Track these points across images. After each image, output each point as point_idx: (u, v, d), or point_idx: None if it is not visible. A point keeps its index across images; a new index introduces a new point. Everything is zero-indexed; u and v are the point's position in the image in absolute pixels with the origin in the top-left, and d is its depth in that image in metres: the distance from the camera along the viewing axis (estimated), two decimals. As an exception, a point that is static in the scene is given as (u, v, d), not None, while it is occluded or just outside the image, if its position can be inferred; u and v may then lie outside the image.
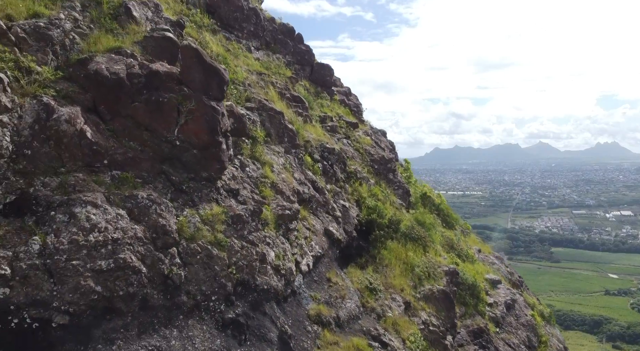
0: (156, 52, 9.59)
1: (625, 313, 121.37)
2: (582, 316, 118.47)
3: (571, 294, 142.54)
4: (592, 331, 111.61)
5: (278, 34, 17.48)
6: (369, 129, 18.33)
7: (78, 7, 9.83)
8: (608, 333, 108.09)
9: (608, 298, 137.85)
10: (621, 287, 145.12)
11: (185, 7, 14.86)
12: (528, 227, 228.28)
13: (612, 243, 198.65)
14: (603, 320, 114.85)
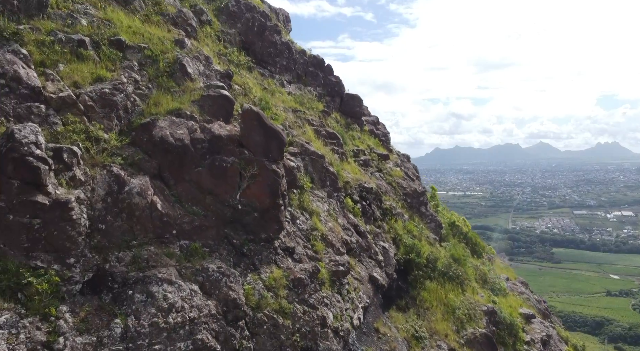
0: (213, 111, 9.63)
1: (627, 314, 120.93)
2: (584, 317, 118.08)
3: (572, 295, 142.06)
4: (594, 333, 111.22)
5: (309, 66, 17.50)
6: (398, 159, 18.34)
7: (136, 67, 9.85)
8: (610, 335, 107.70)
9: (609, 299, 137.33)
10: (623, 288, 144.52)
11: (223, 45, 14.90)
12: (529, 227, 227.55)
13: (613, 243, 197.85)
14: (605, 321, 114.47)
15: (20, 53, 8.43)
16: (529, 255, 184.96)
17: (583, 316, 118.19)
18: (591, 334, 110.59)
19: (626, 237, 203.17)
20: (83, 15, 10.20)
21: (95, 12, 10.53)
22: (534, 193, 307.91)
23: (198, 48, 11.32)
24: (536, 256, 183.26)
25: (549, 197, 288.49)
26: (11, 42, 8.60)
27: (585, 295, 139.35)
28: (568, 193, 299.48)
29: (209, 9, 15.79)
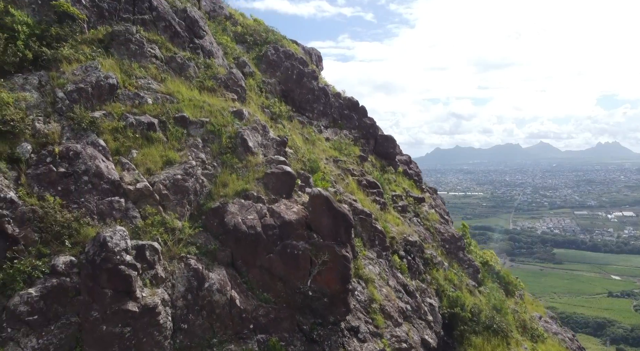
0: (277, 187, 9.66)
1: (628, 315, 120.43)
2: (586, 318, 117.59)
3: (574, 296, 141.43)
4: (596, 334, 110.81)
5: (344, 109, 17.51)
6: (432, 200, 18.37)
7: (200, 144, 9.87)
8: (612, 336, 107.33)
9: (611, 300, 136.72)
10: (624, 289, 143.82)
11: (264, 96, 14.93)
12: (530, 227, 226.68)
13: (614, 244, 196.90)
14: (607, 323, 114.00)
15: (98, 145, 8.47)
16: (530, 256, 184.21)
17: (585, 317, 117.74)
18: (593, 335, 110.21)
19: (627, 237, 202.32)
20: (147, 91, 10.23)
21: (157, 86, 10.56)
22: (535, 193, 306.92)
23: (254, 114, 11.33)
24: (537, 257, 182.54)
25: (549, 197, 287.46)
26: (89, 132, 8.65)
27: (586, 296, 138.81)
28: (569, 194, 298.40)
29: (249, 58, 15.81)
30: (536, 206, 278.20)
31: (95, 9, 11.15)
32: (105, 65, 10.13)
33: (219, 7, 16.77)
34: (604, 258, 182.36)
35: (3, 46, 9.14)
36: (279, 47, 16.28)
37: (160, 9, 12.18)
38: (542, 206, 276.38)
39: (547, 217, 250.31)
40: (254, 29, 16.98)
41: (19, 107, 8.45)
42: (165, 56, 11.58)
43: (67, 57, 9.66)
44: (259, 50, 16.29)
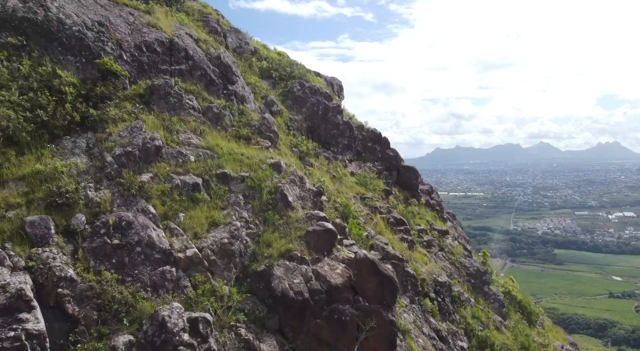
0: (319, 245, 9.67)
1: (630, 317, 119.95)
2: (587, 319, 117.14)
3: (575, 297, 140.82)
4: (597, 335, 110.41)
5: (367, 142, 17.54)
6: (455, 231, 18.40)
7: (242, 201, 9.88)
8: (613, 337, 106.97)
9: (612, 301, 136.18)
10: (625, 290, 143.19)
11: (292, 134, 14.96)
12: (530, 228, 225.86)
13: (615, 245, 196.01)
14: (608, 324, 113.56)
15: (148, 212, 8.49)
16: (530, 257, 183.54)
17: (586, 318, 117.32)
18: (594, 337, 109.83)
19: (628, 238, 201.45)
20: (188, 147, 10.25)
21: (197, 140, 10.57)
22: (535, 193, 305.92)
23: (290, 165, 11.34)
24: (538, 257, 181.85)
25: (550, 198, 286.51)
26: (138, 198, 8.67)
27: (587, 297, 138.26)
28: (569, 194, 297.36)
29: (276, 95, 15.83)
30: (537, 206, 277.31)
31: (136, 63, 11.16)
32: (148, 122, 10.15)
33: (244, 43, 16.79)
34: (605, 259, 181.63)
35: (53, 110, 9.18)
36: (304, 82, 16.30)
37: (196, 58, 12.19)
38: (543, 206, 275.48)
39: (547, 217, 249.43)
40: (278, 64, 17.00)
41: (71, 174, 8.47)
42: (202, 106, 11.58)
43: (113, 118, 9.69)
44: (284, 85, 16.32)
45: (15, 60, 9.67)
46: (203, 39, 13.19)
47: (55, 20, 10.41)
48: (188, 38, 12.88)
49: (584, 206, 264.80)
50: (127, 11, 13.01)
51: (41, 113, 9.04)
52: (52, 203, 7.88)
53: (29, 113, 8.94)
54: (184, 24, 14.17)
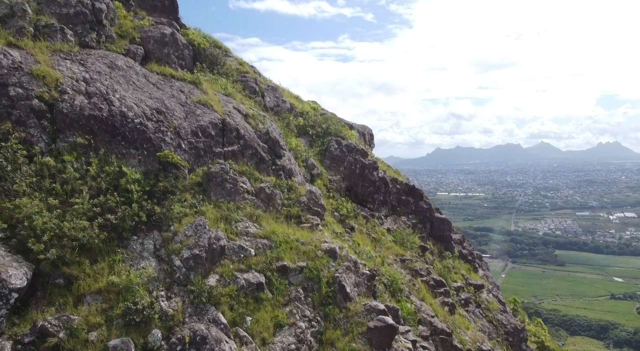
0: (380, 341, 9.69)
1: (631, 318, 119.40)
2: (589, 321, 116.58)
3: (576, 298, 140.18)
4: (599, 337, 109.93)
5: (402, 195, 17.57)
6: (487, 282, 18.44)
7: (302, 295, 9.92)
8: (615, 339, 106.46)
9: (614, 302, 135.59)
10: (627, 291, 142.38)
11: (332, 197, 15.01)
12: (531, 229, 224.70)
13: (616, 245, 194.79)
14: (609, 326, 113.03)
15: (220, 322, 8.53)
16: (531, 258, 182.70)
17: (587, 320, 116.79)
18: (596, 338, 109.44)
19: (629, 238, 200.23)
20: (247, 237, 10.29)
21: (254, 228, 10.60)
22: (536, 194, 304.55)
23: (343, 248, 11.38)
24: (539, 258, 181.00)
25: (551, 198, 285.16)
26: (208, 306, 8.71)
27: (589, 298, 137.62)
28: (570, 194, 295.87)
29: (314, 154, 15.87)
30: (537, 207, 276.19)
31: (193, 150, 11.22)
32: (208, 214, 10.20)
33: (282, 100, 16.84)
34: (606, 260, 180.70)
35: (122, 213, 9.25)
36: (341, 140, 16.34)
37: (247, 137, 12.23)
38: (544, 207, 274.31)
39: (548, 218, 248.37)
40: (314, 120, 17.05)
41: (143, 282, 8.53)
42: (255, 188, 11.62)
43: (177, 216, 9.75)
44: (321, 143, 16.37)
45: (84, 159, 9.75)
46: (251, 114, 13.24)
47: (119, 114, 10.47)
48: (237, 114, 12.92)
49: (585, 206, 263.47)
50: (178, 87, 13.06)
51: (111, 217, 9.10)
52: (130, 321, 7.93)
53: (101, 218, 9.01)
54: (228, 94, 14.22)
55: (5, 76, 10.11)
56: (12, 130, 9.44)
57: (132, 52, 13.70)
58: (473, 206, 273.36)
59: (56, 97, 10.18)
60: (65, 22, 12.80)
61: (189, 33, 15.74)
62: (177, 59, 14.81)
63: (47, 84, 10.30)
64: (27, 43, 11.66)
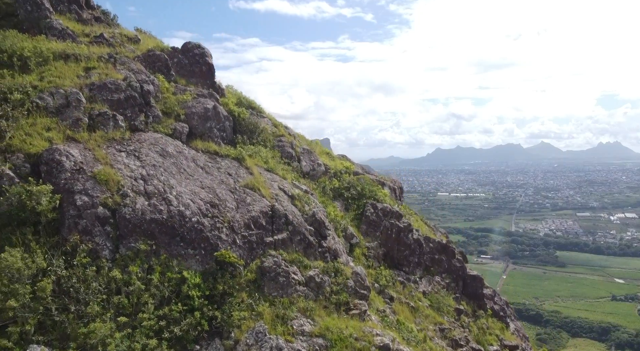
0: None
1: (633, 320, 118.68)
2: (590, 323, 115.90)
3: (578, 300, 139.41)
4: (601, 339, 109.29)
5: (434, 253, 17.57)
6: (522, 341, 18.42)
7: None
8: (616, 341, 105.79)
9: (615, 304, 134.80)
10: (628, 292, 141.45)
11: (371, 266, 15.04)
12: (532, 230, 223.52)
13: (617, 246, 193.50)
14: (611, 327, 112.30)
15: None
16: (532, 259, 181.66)
17: (589, 321, 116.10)
18: (597, 340, 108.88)
19: (630, 239, 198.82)
20: (302, 337, 10.29)
21: (308, 325, 10.57)
22: (537, 194, 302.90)
23: (394, 339, 11.39)
24: (540, 259, 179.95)
25: (551, 199, 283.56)
26: None
27: (590, 300, 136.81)
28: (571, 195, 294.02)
29: (349, 219, 15.88)
30: (538, 207, 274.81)
31: (247, 244, 11.24)
32: (265, 314, 10.22)
33: (317, 164, 16.86)
34: (607, 261, 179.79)
35: (186, 325, 9.29)
36: (376, 204, 16.34)
37: (295, 222, 12.26)
38: (544, 207, 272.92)
39: (549, 218, 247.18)
40: (348, 182, 17.05)
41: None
42: (305, 277, 11.65)
43: (238, 324, 9.79)
44: (356, 206, 16.39)
45: (146, 266, 9.80)
46: (296, 195, 13.26)
47: (177, 215, 10.51)
48: (283, 196, 12.95)
49: (586, 207, 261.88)
50: (225, 169, 13.10)
51: (176, 330, 9.15)
52: None
53: (166, 332, 9.06)
54: (271, 169, 14.26)
55: (70, 181, 10.18)
56: (80, 242, 9.51)
57: (178, 131, 13.74)
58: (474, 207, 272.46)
59: (118, 201, 10.23)
60: (117, 108, 12.86)
61: (229, 103, 15.79)
62: (219, 131, 14.85)
63: (110, 188, 10.35)
64: (83, 135, 11.74)
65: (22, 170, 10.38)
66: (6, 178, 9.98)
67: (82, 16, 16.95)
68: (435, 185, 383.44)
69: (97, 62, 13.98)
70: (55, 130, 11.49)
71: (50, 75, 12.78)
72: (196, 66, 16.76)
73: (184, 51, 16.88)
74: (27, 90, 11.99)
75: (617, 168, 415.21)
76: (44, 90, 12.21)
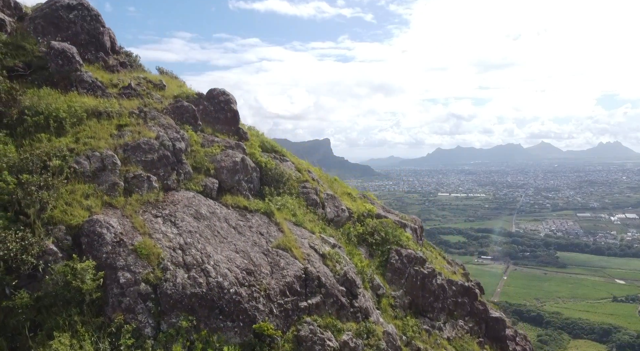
0: None
1: (634, 321, 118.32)
2: (591, 324, 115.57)
3: (578, 301, 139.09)
4: (602, 340, 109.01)
5: (457, 297, 17.56)
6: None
7: None
8: (618, 343, 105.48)
9: (616, 305, 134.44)
10: (629, 293, 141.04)
11: (397, 317, 15.04)
12: (533, 230, 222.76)
13: (617, 247, 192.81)
14: (612, 329, 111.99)
15: None
16: (533, 259, 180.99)
17: (590, 323, 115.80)
18: (599, 342, 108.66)
19: (631, 240, 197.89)
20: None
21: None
22: (537, 194, 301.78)
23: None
24: (540, 260, 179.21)
25: (552, 199, 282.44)
26: None
27: (591, 301, 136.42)
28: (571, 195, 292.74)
29: (374, 267, 15.88)
30: (538, 208, 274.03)
31: (283, 313, 11.19)
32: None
33: (340, 210, 16.86)
34: (608, 262, 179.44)
35: (229, 407, 9.31)
36: (401, 250, 16.33)
37: (328, 284, 12.25)
38: (545, 208, 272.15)
39: (549, 219, 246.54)
40: (372, 227, 17.04)
41: None
42: (339, 342, 11.62)
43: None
44: (381, 252, 16.38)
45: (188, 344, 9.81)
46: (327, 253, 13.25)
47: (216, 287, 10.51)
48: (314, 256, 12.95)
49: (586, 207, 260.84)
50: (256, 228, 13.10)
51: (220, 411, 9.17)
52: None
53: (211, 414, 9.09)
54: (299, 223, 14.25)
55: (112, 256, 10.20)
56: (124, 321, 9.54)
57: (209, 187, 13.75)
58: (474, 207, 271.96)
59: (159, 276, 10.24)
60: (150, 168, 12.88)
61: (255, 152, 15.81)
62: (247, 182, 14.86)
63: (151, 262, 10.37)
64: (119, 200, 11.77)
65: (64, 243, 10.41)
66: (51, 255, 10.02)
67: (108, 62, 16.96)
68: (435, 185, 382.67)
69: (129, 118, 14.01)
70: (93, 196, 11.53)
71: (85, 136, 12.81)
72: (221, 113, 16.77)
73: (209, 98, 16.89)
74: (64, 154, 12.02)
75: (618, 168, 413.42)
76: (80, 153, 12.24)
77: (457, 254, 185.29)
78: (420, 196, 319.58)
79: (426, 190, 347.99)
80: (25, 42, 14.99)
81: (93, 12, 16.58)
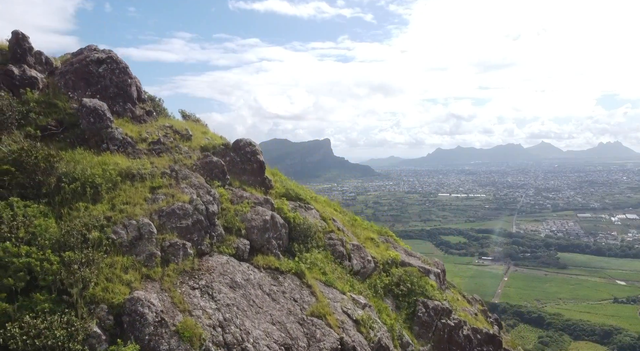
0: None
1: (635, 322, 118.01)
2: (592, 326, 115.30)
3: (579, 302, 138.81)
4: (603, 342, 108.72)
5: (482, 345, 17.50)
6: None
7: None
8: (619, 344, 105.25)
9: (617, 306, 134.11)
10: (630, 295, 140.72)
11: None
12: (533, 231, 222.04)
13: (618, 248, 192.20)
14: (613, 330, 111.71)
15: None
16: (533, 260, 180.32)
17: (591, 324, 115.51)
18: (600, 343, 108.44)
19: (632, 241, 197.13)
20: None
21: None
22: (537, 195, 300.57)
23: None
24: (541, 261, 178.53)
25: (552, 199, 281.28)
26: None
27: (592, 302, 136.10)
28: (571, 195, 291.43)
29: (401, 320, 15.85)
30: (539, 208, 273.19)
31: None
32: None
33: (367, 261, 16.76)
34: (608, 263, 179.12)
35: None
36: (428, 303, 16.29)
37: (361, 355, 12.25)
38: (545, 208, 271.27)
39: (550, 219, 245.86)
40: (398, 277, 17.02)
41: None
42: None
43: None
44: (407, 305, 16.34)
45: None
46: (360, 319, 13.22)
47: (257, 367, 10.52)
48: (348, 322, 12.90)
49: (586, 208, 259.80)
50: (289, 293, 13.07)
51: None
52: None
53: None
54: (330, 283, 14.21)
55: (154, 338, 10.14)
56: (170, 411, 9.52)
57: (241, 249, 13.70)
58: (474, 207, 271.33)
59: (203, 360, 10.24)
60: (185, 234, 12.83)
61: (284, 209, 15.76)
62: (276, 240, 14.82)
63: (193, 345, 10.35)
64: (157, 271, 11.71)
65: (106, 323, 10.36)
66: (95, 338, 9.97)
67: (135, 113, 16.91)
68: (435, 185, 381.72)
69: (161, 179, 13.95)
70: (132, 269, 11.47)
71: (121, 202, 12.76)
72: (247, 164, 16.73)
73: (236, 149, 16.84)
74: (102, 223, 11.98)
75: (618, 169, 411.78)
76: (117, 222, 12.19)
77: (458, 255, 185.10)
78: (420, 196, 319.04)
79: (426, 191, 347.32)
80: (57, 99, 14.94)
81: (121, 64, 16.52)
